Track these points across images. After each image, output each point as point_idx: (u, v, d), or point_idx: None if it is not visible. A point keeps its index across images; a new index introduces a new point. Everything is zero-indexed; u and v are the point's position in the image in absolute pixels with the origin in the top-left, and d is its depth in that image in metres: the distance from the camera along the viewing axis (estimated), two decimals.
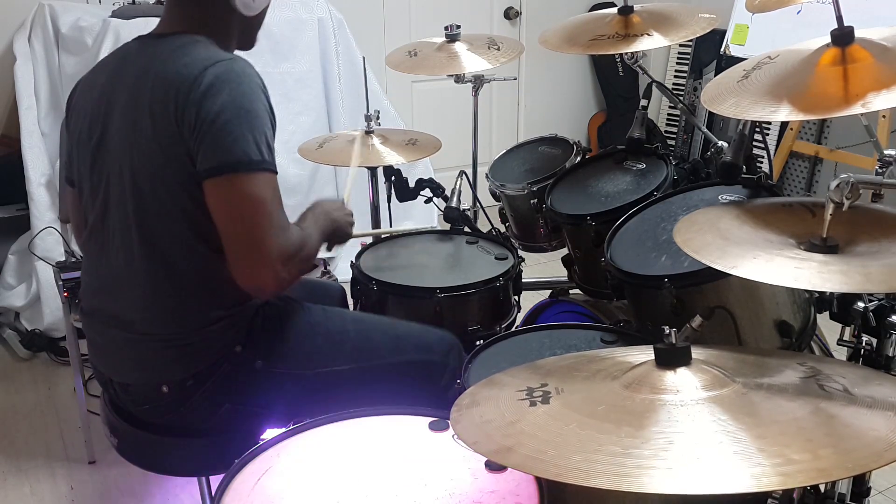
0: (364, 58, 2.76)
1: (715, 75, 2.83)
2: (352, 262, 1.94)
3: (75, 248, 2.46)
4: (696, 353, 1.02)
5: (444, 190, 2.20)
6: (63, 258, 2.25)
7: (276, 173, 1.32)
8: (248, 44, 1.53)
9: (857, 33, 1.24)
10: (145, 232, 1.36)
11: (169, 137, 1.30)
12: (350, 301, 1.94)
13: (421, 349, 1.58)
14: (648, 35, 1.88)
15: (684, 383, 0.96)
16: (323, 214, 1.56)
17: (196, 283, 1.40)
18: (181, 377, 1.41)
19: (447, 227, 2.18)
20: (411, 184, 2.23)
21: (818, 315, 1.52)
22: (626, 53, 1.98)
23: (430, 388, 1.55)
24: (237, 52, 1.50)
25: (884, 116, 3.15)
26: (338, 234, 1.61)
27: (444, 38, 2.33)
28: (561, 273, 2.06)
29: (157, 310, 1.40)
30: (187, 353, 1.40)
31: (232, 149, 1.27)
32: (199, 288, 1.40)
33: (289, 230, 1.34)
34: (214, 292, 1.41)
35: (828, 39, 1.26)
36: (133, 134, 1.34)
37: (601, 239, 1.68)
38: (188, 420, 1.46)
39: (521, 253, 2.02)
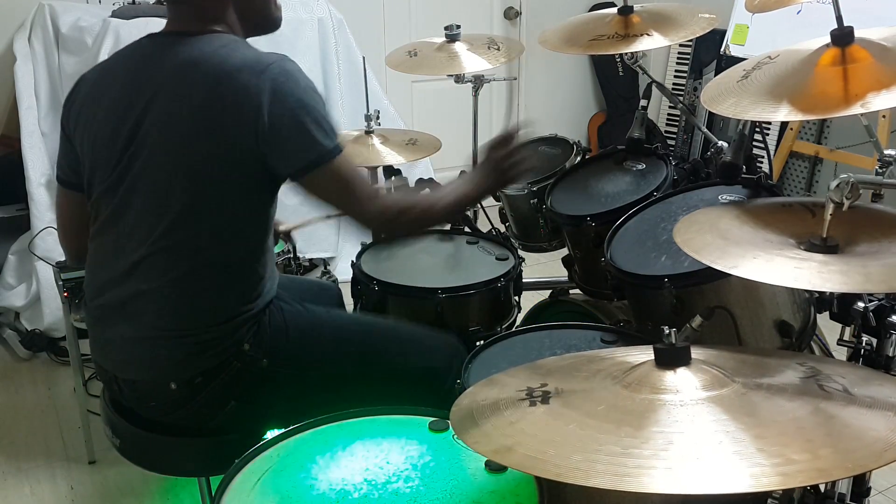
0: (364, 58, 2.76)
1: (715, 75, 2.83)
2: (352, 261, 1.94)
3: None
4: (696, 353, 1.02)
5: None
6: (63, 258, 2.25)
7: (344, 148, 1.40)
8: (268, 24, 1.52)
9: (857, 33, 1.24)
10: (178, 227, 1.37)
11: (229, 143, 1.33)
12: (350, 301, 1.94)
13: (425, 353, 1.58)
14: (648, 35, 1.87)
15: (684, 383, 0.96)
16: (477, 176, 1.59)
17: (216, 280, 1.41)
18: (191, 374, 1.41)
19: (447, 227, 2.18)
20: (411, 184, 2.23)
21: (818, 315, 1.52)
22: (626, 53, 1.98)
23: (434, 392, 1.54)
24: (252, 39, 1.51)
25: (884, 116, 3.15)
26: (504, 180, 1.62)
27: (444, 38, 2.32)
28: (561, 273, 2.06)
29: (173, 303, 1.40)
30: (200, 351, 1.40)
31: (312, 146, 1.34)
32: (217, 284, 1.41)
33: (380, 195, 1.43)
34: (232, 289, 1.43)
35: (828, 39, 1.26)
36: (180, 137, 1.35)
37: (601, 239, 1.68)
38: (193, 418, 1.46)
39: (521, 253, 2.02)
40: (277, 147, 1.34)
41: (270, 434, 1.30)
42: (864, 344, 1.34)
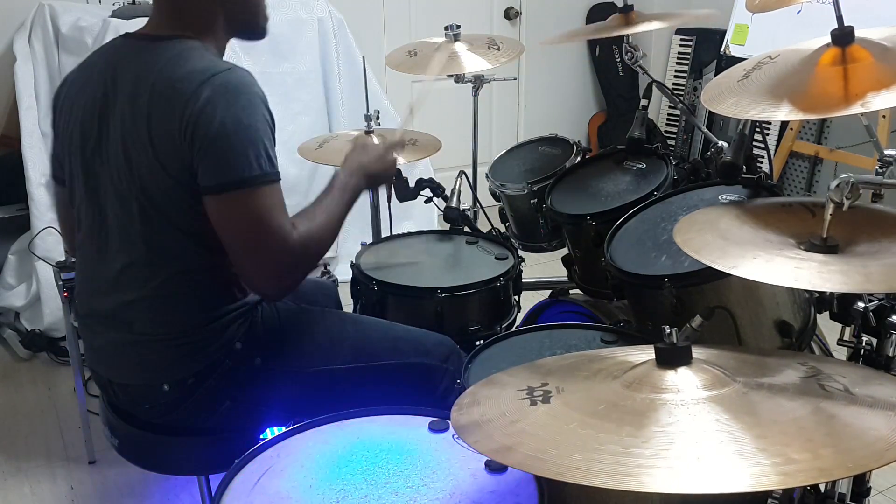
0: (364, 58, 2.76)
1: (715, 75, 2.83)
2: (352, 262, 1.94)
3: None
4: (697, 352, 1.02)
5: (444, 190, 2.20)
6: (63, 258, 2.25)
7: (278, 180, 1.33)
8: (250, 30, 1.49)
9: (857, 33, 1.24)
10: (149, 236, 1.36)
11: (167, 152, 1.31)
12: (348, 301, 1.94)
13: (419, 352, 1.58)
14: (649, 21, 1.89)
15: (685, 383, 0.96)
16: (358, 170, 1.53)
17: (199, 284, 1.40)
18: (182, 376, 1.41)
19: (447, 227, 2.18)
20: (411, 184, 2.23)
21: (818, 315, 1.52)
22: (627, 53, 1.98)
23: (429, 392, 1.55)
24: (251, 43, 1.51)
25: (884, 116, 3.15)
26: (376, 184, 1.61)
27: (444, 38, 2.32)
28: (561, 273, 2.06)
29: (159, 310, 1.40)
30: (189, 352, 1.41)
31: (231, 166, 1.28)
32: (202, 288, 1.41)
33: (291, 237, 1.33)
34: (217, 292, 1.42)
35: (828, 39, 1.26)
36: (132, 143, 1.34)
37: (601, 239, 1.68)
38: (189, 418, 1.46)
39: (521, 253, 2.02)
40: (199, 161, 1.29)
41: (269, 433, 1.30)
42: (864, 344, 1.34)
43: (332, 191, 1.48)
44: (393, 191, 2.24)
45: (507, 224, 2.32)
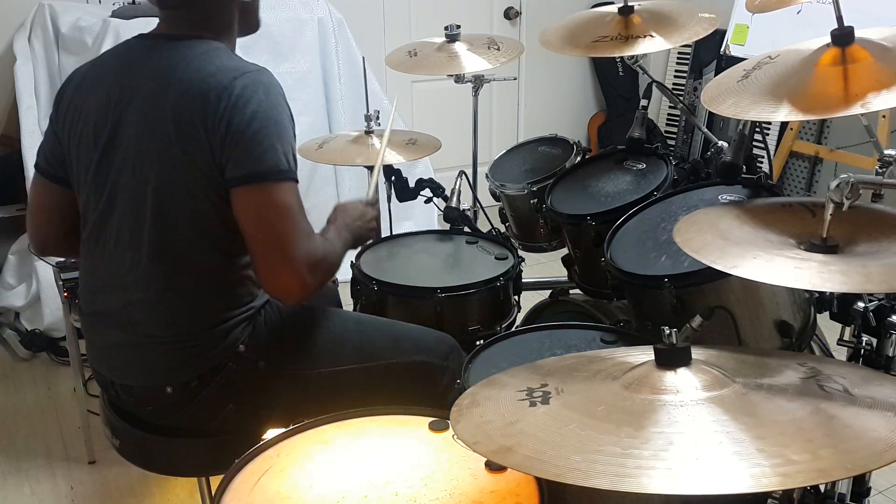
0: (364, 58, 2.76)
1: (715, 75, 2.83)
2: (352, 262, 1.93)
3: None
4: (696, 353, 1.02)
5: (444, 190, 2.20)
6: (63, 258, 2.25)
7: (298, 182, 1.36)
8: (251, 27, 1.52)
9: (857, 33, 1.24)
10: (160, 235, 1.36)
11: (195, 146, 1.31)
12: (348, 301, 1.94)
13: (420, 350, 1.58)
14: (650, 37, 1.87)
15: (684, 384, 0.96)
16: (344, 228, 1.57)
17: (206, 286, 1.40)
18: (186, 378, 1.41)
19: (447, 227, 2.18)
20: (411, 184, 2.23)
21: (818, 315, 1.52)
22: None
23: (430, 390, 1.55)
24: (247, 37, 1.52)
25: (884, 116, 3.14)
26: (360, 241, 1.65)
27: (444, 38, 2.33)
28: (561, 273, 2.06)
29: (165, 312, 1.40)
30: (193, 355, 1.41)
31: (262, 159, 1.30)
32: (208, 290, 1.41)
33: (313, 237, 1.37)
34: (224, 295, 1.42)
35: (828, 39, 1.26)
36: (152, 139, 1.34)
37: (601, 239, 1.68)
38: (191, 421, 1.46)
39: (521, 253, 2.02)
40: (229, 153, 1.30)
41: (270, 434, 1.30)
42: (864, 344, 1.34)
43: (330, 228, 1.53)
44: (393, 191, 2.25)
45: (507, 224, 2.32)
